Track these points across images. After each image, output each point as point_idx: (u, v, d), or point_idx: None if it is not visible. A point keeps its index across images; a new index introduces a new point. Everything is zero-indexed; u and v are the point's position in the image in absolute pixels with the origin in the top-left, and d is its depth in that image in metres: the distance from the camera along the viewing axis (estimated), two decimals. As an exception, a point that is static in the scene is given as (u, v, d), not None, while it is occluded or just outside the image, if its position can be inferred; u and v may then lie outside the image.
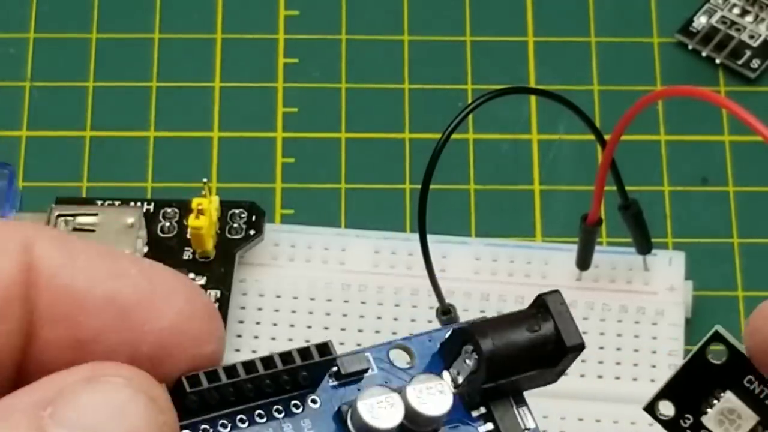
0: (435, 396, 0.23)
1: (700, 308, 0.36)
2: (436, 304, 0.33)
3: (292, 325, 0.36)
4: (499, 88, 0.32)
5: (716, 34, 0.38)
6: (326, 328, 0.35)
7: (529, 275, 0.35)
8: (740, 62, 0.38)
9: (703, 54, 0.38)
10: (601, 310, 0.35)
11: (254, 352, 0.35)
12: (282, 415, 0.25)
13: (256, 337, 0.36)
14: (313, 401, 0.23)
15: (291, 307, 0.35)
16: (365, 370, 0.23)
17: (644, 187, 0.37)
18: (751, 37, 0.38)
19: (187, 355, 0.23)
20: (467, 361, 0.23)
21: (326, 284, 0.36)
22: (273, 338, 0.35)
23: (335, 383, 0.22)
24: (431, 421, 0.22)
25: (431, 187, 0.31)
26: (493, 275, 0.35)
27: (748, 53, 0.38)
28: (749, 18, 0.38)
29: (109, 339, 0.23)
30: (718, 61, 0.38)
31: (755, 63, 0.38)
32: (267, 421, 0.24)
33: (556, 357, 0.22)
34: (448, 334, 0.24)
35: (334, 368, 0.22)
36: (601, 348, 0.34)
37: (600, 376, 0.34)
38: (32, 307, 0.23)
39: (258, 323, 0.35)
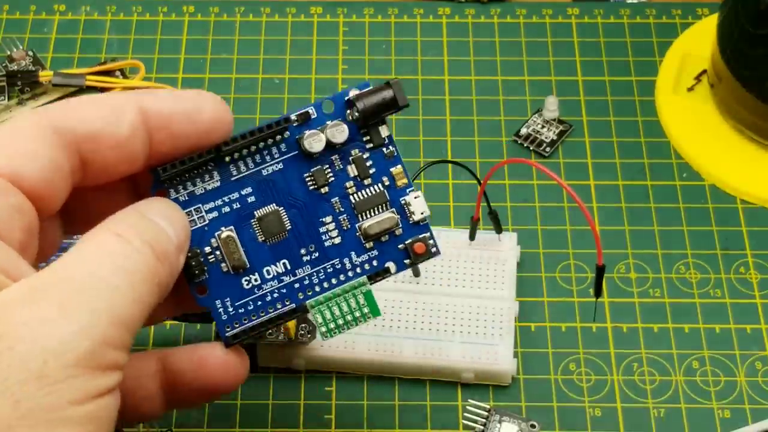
0: (340, 130, 0.35)
1: (522, 258, 0.48)
2: None
3: None
4: (432, 161, 0.46)
5: (530, 136, 0.53)
6: None
7: (448, 242, 0.47)
8: (540, 149, 0.52)
9: (525, 145, 0.53)
10: (479, 259, 0.47)
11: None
12: (263, 145, 0.35)
13: None
14: (284, 137, 0.35)
15: None
16: (309, 116, 0.35)
17: (499, 203, 0.50)
18: (545, 137, 0.53)
19: (220, 131, 0.33)
20: (356, 112, 0.35)
21: None
22: None
23: (296, 126, 0.35)
24: (340, 144, 0.35)
25: None
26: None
27: (544, 144, 0.52)
28: (544, 129, 0.53)
29: (183, 130, 0.32)
30: (531, 148, 0.52)
31: (547, 149, 0.52)
32: (255, 151, 0.35)
33: (394, 107, 0.35)
34: (346, 98, 0.35)
35: (294, 118, 0.35)
36: (479, 274, 0.46)
37: (476, 288, 0.46)
38: (149, 128, 0.32)
39: None
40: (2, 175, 0.30)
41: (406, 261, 0.36)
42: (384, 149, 0.36)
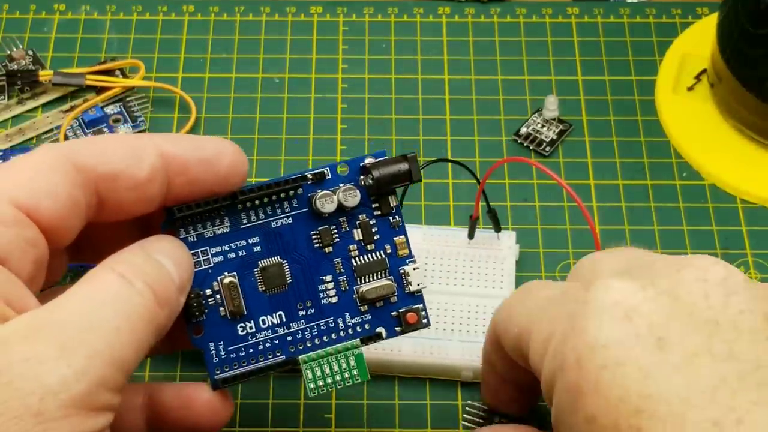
0: (353, 195, 0.37)
1: (521, 257, 0.48)
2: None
3: None
4: (432, 160, 0.45)
5: (530, 136, 0.53)
6: None
7: (447, 240, 0.47)
8: (540, 148, 0.52)
9: (525, 144, 0.52)
10: (479, 258, 0.47)
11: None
12: (276, 198, 0.36)
13: None
14: (297, 193, 0.36)
15: None
16: (324, 177, 0.36)
17: (498, 203, 0.50)
18: (545, 137, 0.53)
19: (236, 179, 0.34)
20: (370, 179, 0.37)
21: None
22: None
23: (310, 184, 0.36)
24: (350, 208, 0.36)
25: (404, 202, 0.41)
26: (430, 242, 0.47)
27: (544, 144, 0.52)
28: (544, 129, 0.53)
29: (200, 177, 0.33)
30: (531, 147, 0.52)
31: (547, 148, 0.52)
32: (268, 203, 0.36)
33: (407, 180, 0.37)
34: (361, 164, 0.37)
35: (310, 177, 0.36)
36: (478, 273, 0.46)
37: (475, 287, 0.46)
38: (168, 173, 0.32)
39: None
40: (21, 207, 0.30)
41: (397, 328, 0.37)
42: (390, 218, 0.37)
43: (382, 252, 0.37)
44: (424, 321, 0.37)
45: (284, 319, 0.36)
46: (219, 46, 0.56)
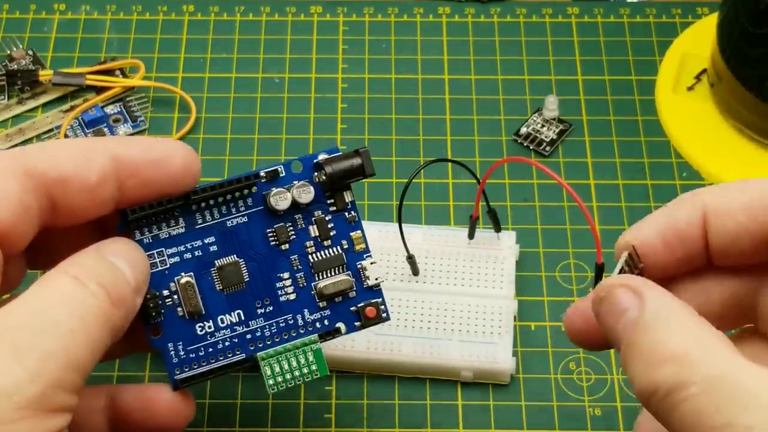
0: (306, 192, 0.37)
1: (521, 256, 0.49)
2: (405, 254, 0.45)
3: None
4: (431, 160, 0.46)
5: (530, 136, 0.53)
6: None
7: (447, 240, 0.47)
8: (540, 148, 0.52)
9: (525, 144, 0.53)
10: (479, 257, 0.47)
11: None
12: (230, 197, 0.36)
13: None
14: (252, 191, 0.36)
15: None
16: (278, 174, 0.36)
17: (498, 203, 0.50)
18: (545, 137, 0.53)
19: (188, 180, 0.34)
20: (323, 175, 0.36)
21: None
22: None
23: (264, 182, 0.36)
24: (305, 205, 0.36)
25: (404, 202, 0.44)
26: (430, 242, 0.47)
27: (544, 144, 0.52)
28: (544, 129, 0.53)
29: (152, 178, 0.33)
30: (531, 147, 0.52)
31: (547, 148, 0.52)
32: (222, 202, 0.36)
33: (361, 175, 0.37)
34: (315, 161, 0.36)
35: (263, 175, 0.36)
36: (478, 273, 0.46)
37: (475, 286, 0.46)
38: (120, 175, 0.32)
39: None
40: None
41: (357, 323, 0.37)
42: (346, 213, 0.37)
43: (339, 248, 0.37)
44: (384, 315, 0.37)
45: (243, 318, 0.36)
46: (219, 46, 0.56)
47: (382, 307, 0.38)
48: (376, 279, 0.37)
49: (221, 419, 0.44)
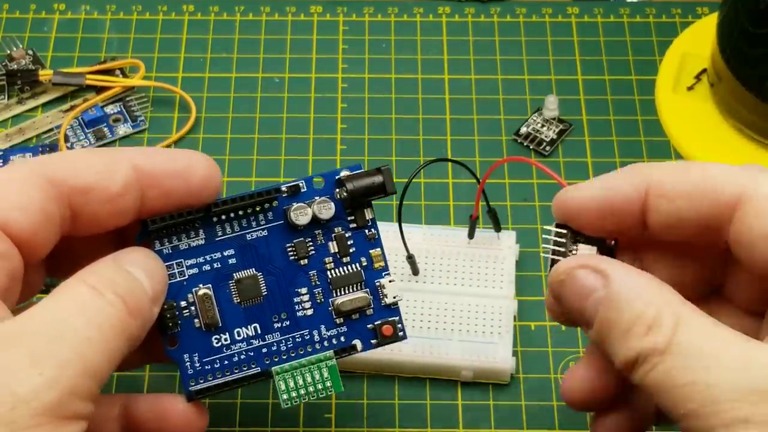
0: (327, 208, 0.37)
1: (521, 256, 0.49)
2: (405, 253, 0.46)
3: None
4: (431, 159, 0.46)
5: (530, 135, 0.53)
6: None
7: (447, 240, 0.47)
8: (540, 148, 0.53)
9: (525, 144, 0.53)
10: (479, 257, 0.47)
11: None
12: (251, 210, 0.36)
13: None
14: (273, 206, 0.36)
15: None
16: (299, 189, 0.36)
17: (498, 203, 0.50)
18: (545, 136, 0.53)
19: (209, 192, 0.34)
20: (344, 192, 0.36)
21: None
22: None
23: (285, 197, 0.36)
24: (325, 221, 0.36)
25: (404, 202, 0.44)
26: (430, 242, 0.47)
27: (544, 143, 0.53)
28: (544, 129, 0.53)
29: (174, 189, 0.33)
30: (531, 147, 0.53)
31: (547, 148, 0.53)
32: (243, 215, 0.36)
33: (382, 193, 0.37)
34: (337, 177, 0.36)
35: (285, 190, 0.36)
36: (478, 273, 0.46)
37: (475, 286, 0.46)
38: (141, 185, 0.32)
39: None
40: None
41: (373, 341, 0.37)
42: (366, 231, 0.38)
43: (357, 264, 0.37)
44: (400, 334, 0.37)
45: (259, 331, 0.36)
46: (219, 45, 0.56)
47: (399, 325, 0.38)
48: (394, 297, 0.37)
49: (221, 419, 0.44)
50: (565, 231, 0.34)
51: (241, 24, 0.57)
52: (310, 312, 0.37)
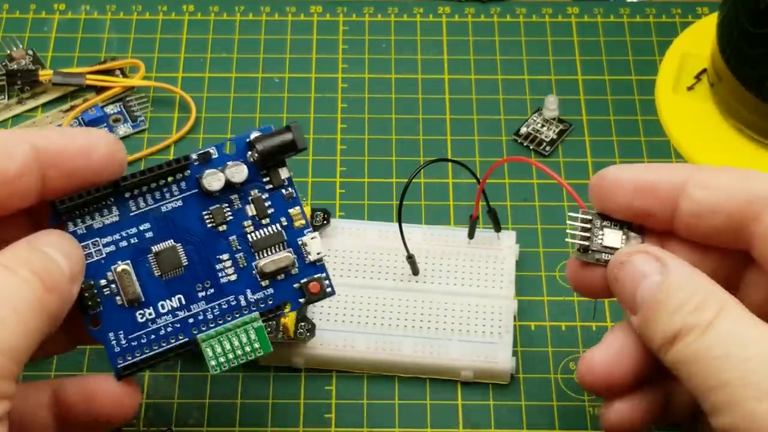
0: (239, 171, 0.36)
1: (522, 256, 0.49)
2: (405, 253, 0.46)
3: (347, 264, 0.47)
4: (431, 159, 0.46)
5: (530, 135, 0.53)
6: (358, 264, 0.46)
7: (447, 240, 0.48)
8: (540, 148, 0.53)
9: (525, 144, 0.53)
10: (478, 257, 0.47)
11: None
12: (163, 182, 0.36)
13: (332, 271, 0.44)
14: (185, 175, 0.36)
15: (344, 255, 0.47)
16: (210, 156, 0.36)
17: (498, 203, 0.50)
18: (545, 136, 0.53)
19: (114, 169, 0.34)
20: (255, 153, 0.36)
21: (358, 246, 0.47)
22: (335, 271, 0.46)
23: (196, 164, 0.36)
24: (239, 184, 0.36)
25: (404, 202, 0.45)
26: (430, 242, 0.48)
27: (544, 143, 0.53)
28: (544, 129, 0.53)
29: (75, 168, 0.33)
30: (531, 147, 0.53)
31: (547, 148, 0.53)
32: (155, 188, 0.36)
33: (293, 150, 0.36)
34: (247, 140, 0.36)
35: (195, 157, 0.36)
36: (478, 273, 0.47)
37: (475, 286, 0.47)
38: (41, 166, 0.32)
39: (330, 264, 0.46)
40: None
41: (301, 300, 0.37)
42: (283, 190, 0.37)
43: (277, 225, 0.37)
44: (328, 290, 0.37)
45: (184, 302, 0.36)
46: (219, 45, 0.56)
47: (327, 282, 0.37)
48: (318, 254, 0.37)
49: (221, 419, 0.44)
50: (590, 217, 0.35)
51: (241, 24, 0.57)
52: (234, 277, 0.36)
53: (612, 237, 0.35)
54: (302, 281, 0.37)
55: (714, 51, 0.53)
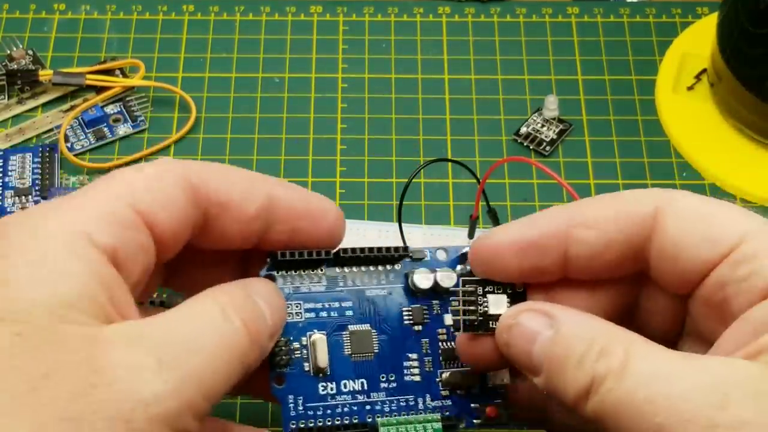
0: (449, 277, 0.36)
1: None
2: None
3: None
4: (431, 159, 0.48)
5: (530, 135, 0.54)
6: None
7: (447, 240, 0.48)
8: (540, 148, 0.53)
9: (525, 144, 0.53)
10: (479, 258, 0.50)
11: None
12: (373, 268, 0.37)
13: None
14: (395, 267, 0.36)
15: None
16: (424, 257, 0.37)
17: (498, 203, 0.51)
18: (545, 136, 0.54)
19: (332, 242, 0.34)
20: (467, 266, 0.36)
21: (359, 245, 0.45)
22: None
23: (409, 261, 0.37)
24: (445, 290, 0.36)
25: (404, 202, 0.46)
26: (430, 242, 0.49)
27: (544, 143, 0.53)
28: (544, 129, 0.54)
29: (302, 229, 0.33)
30: (531, 147, 0.53)
31: (547, 148, 0.53)
32: (366, 271, 0.36)
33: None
34: (461, 252, 0.37)
35: (410, 255, 0.37)
36: (479, 273, 0.48)
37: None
38: (270, 216, 0.32)
39: None
40: (141, 213, 0.30)
41: (476, 420, 0.37)
42: None
43: None
44: (504, 418, 0.37)
45: (366, 387, 0.36)
46: (219, 45, 0.56)
47: (504, 411, 0.37)
48: (502, 380, 0.37)
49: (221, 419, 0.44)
50: (472, 287, 0.34)
51: (241, 24, 0.57)
52: (417, 378, 0.36)
53: (497, 302, 0.34)
54: (481, 403, 0.37)
55: (714, 51, 0.54)
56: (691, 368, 0.28)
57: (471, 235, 0.48)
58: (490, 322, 0.34)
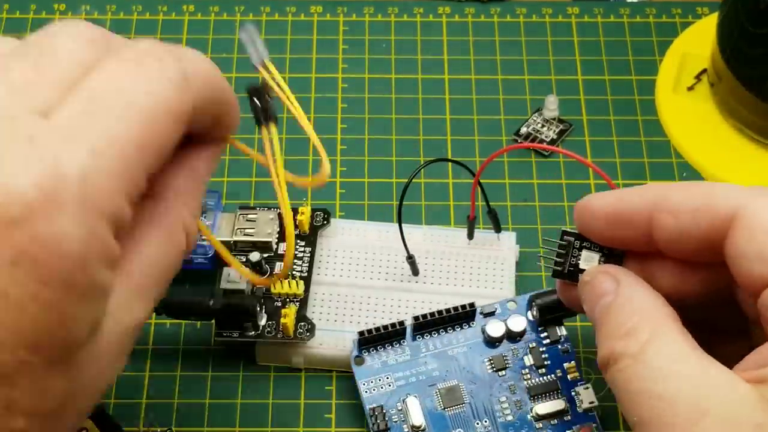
0: (518, 321, 0.43)
1: (521, 257, 0.49)
2: (405, 254, 0.46)
3: (347, 264, 0.47)
4: (431, 159, 0.47)
5: (530, 135, 0.53)
6: (358, 264, 0.47)
7: (447, 240, 0.48)
8: (540, 148, 0.52)
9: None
10: (479, 258, 0.47)
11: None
12: (450, 330, 0.42)
13: (332, 271, 0.46)
14: (470, 323, 0.42)
15: (344, 255, 0.47)
16: (495, 311, 0.43)
17: (498, 203, 0.51)
18: (545, 136, 0.53)
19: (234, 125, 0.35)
20: (535, 310, 0.43)
21: (359, 246, 0.47)
22: (335, 271, 0.46)
23: (482, 316, 0.43)
24: (517, 333, 0.42)
25: (404, 202, 0.45)
26: (430, 242, 0.48)
27: (544, 143, 0.53)
28: (544, 129, 0.53)
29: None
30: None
31: (547, 148, 0.52)
32: (444, 335, 0.42)
33: (564, 310, 0.41)
34: (527, 300, 0.43)
35: (481, 308, 0.43)
36: (478, 273, 0.47)
37: (475, 287, 0.47)
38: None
39: (329, 264, 0.47)
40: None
41: None
42: (560, 346, 0.42)
43: (553, 375, 0.41)
44: None
45: None
46: (219, 45, 0.56)
47: (596, 430, 0.40)
48: (590, 403, 0.40)
49: (221, 419, 0.44)
50: (571, 238, 0.36)
51: (240, 24, 0.57)
52: (510, 418, 0.40)
53: (588, 259, 0.37)
54: (574, 427, 0.40)
55: (714, 51, 0.54)
56: (692, 376, 0.29)
57: (471, 236, 0.48)
58: (579, 275, 0.37)
